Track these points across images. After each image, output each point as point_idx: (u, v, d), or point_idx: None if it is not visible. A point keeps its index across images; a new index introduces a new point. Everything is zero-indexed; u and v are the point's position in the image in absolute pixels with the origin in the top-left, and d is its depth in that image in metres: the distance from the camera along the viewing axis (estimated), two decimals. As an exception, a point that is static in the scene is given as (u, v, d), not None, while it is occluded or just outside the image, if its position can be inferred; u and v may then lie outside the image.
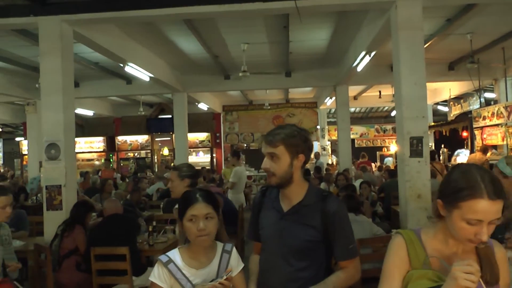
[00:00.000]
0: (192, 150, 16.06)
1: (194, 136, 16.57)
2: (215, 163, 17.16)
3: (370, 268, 4.13)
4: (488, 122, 11.17)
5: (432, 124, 14.19)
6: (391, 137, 20.09)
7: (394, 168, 9.68)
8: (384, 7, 5.71)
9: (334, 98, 12.88)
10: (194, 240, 1.98)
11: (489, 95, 13.02)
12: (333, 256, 2.13)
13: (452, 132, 13.55)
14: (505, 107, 10.24)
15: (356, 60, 8.35)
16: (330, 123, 18.94)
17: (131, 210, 6.58)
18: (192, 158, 15.79)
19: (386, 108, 19.86)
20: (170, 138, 16.72)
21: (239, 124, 17.71)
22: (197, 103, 14.51)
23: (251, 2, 5.43)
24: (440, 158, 13.48)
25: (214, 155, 17.31)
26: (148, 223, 5.69)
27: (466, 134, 12.83)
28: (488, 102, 12.48)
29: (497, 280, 1.55)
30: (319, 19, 7.31)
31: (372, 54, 7.79)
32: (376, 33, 6.58)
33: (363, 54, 7.81)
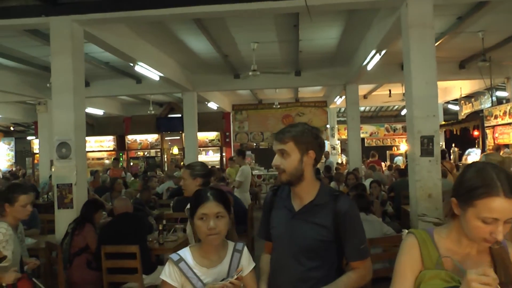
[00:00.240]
0: (201, 149, 16.09)
1: (204, 135, 16.60)
2: (224, 162, 17.17)
3: (380, 268, 4.12)
4: (500, 121, 11.08)
5: (443, 123, 14.10)
6: (401, 136, 19.99)
7: (404, 168, 9.63)
8: (395, 5, 5.66)
9: (344, 97, 12.83)
10: (205, 239, 1.98)
11: (501, 93, 12.88)
12: (344, 257, 2.11)
13: (463, 131, 13.45)
14: (517, 106, 10.17)
15: (366, 58, 8.31)
16: (339, 122, 18.85)
17: (141, 208, 6.61)
18: (202, 157, 15.83)
19: (396, 107, 19.75)
20: (179, 137, 16.76)
21: (248, 123, 17.73)
22: (206, 102, 14.53)
23: (261, 1, 5.41)
24: (451, 157, 13.39)
25: (224, 154, 17.31)
26: (158, 222, 5.71)
27: (477, 133, 12.73)
28: (500, 101, 12.38)
29: (511, 281, 1.52)
30: (329, 17, 7.29)
31: (383, 52, 7.75)
32: (386, 31, 6.54)
33: (373, 52, 7.77)
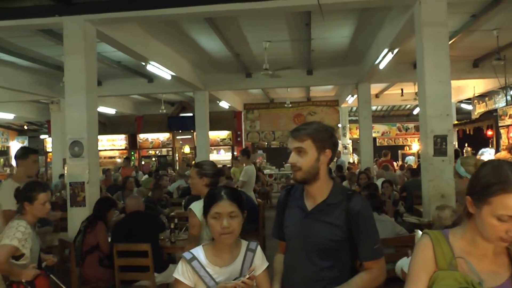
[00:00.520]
0: (213, 148, 16.12)
1: (215, 134, 16.64)
2: (236, 161, 17.19)
3: (393, 268, 4.08)
4: (514, 121, 10.94)
5: (456, 123, 13.95)
6: (413, 135, 19.86)
7: (416, 167, 9.56)
8: (408, 3, 5.63)
9: (355, 96, 12.78)
10: (218, 238, 1.97)
11: (515, 92, 12.72)
12: (357, 257, 2.09)
13: (476, 130, 13.28)
14: (532, 105, 10.03)
15: (378, 57, 8.27)
16: (351, 122, 18.75)
17: (152, 207, 6.63)
18: (213, 156, 15.85)
19: (408, 106, 19.60)
20: (191, 136, 16.82)
21: (260, 122, 17.73)
22: (218, 101, 14.56)
23: (273, 0, 5.42)
24: (464, 157, 13.24)
25: (235, 153, 17.31)
26: (170, 220, 5.72)
27: (491, 132, 12.57)
28: (515, 100, 12.22)
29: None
30: (342, 16, 7.26)
31: (395, 51, 7.71)
32: (399, 30, 6.50)
33: (385, 51, 7.73)
